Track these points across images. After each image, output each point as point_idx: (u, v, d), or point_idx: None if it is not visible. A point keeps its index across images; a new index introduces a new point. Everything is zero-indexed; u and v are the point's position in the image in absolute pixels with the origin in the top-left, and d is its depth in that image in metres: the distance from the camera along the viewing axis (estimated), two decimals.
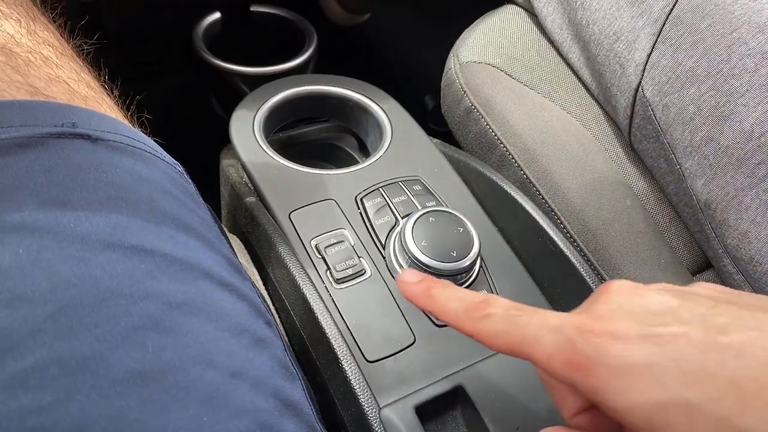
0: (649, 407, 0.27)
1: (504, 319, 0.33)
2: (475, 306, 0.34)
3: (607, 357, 0.28)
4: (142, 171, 0.34)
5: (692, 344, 0.27)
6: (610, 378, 0.28)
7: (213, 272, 0.34)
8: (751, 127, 0.50)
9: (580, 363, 0.29)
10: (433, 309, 0.37)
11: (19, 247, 0.28)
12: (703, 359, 0.27)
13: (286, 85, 0.65)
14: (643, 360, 0.28)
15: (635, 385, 0.27)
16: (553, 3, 0.63)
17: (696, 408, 0.26)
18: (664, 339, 0.28)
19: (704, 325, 0.28)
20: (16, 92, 0.32)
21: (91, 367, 0.27)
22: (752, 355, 0.26)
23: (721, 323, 0.28)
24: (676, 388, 0.27)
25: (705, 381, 0.27)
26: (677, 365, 0.27)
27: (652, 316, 0.29)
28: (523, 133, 0.61)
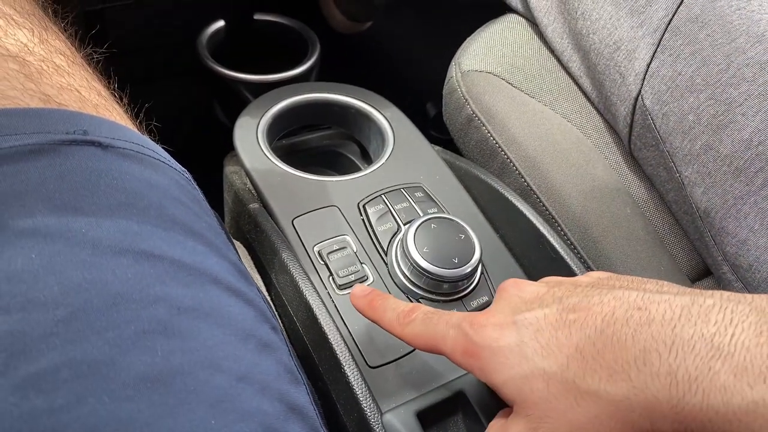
0: (518, 379, 0.33)
1: (422, 322, 0.39)
2: (404, 314, 0.40)
3: (489, 341, 0.34)
4: (152, 178, 0.35)
5: (548, 322, 0.33)
6: (491, 359, 0.34)
7: (220, 278, 0.34)
8: (749, 136, 0.50)
9: (472, 350, 0.35)
10: (375, 318, 0.43)
11: (32, 252, 0.29)
12: (557, 334, 0.33)
13: (290, 92, 0.65)
14: (514, 340, 0.34)
15: (508, 361, 0.33)
16: (553, 12, 0.64)
17: (550, 375, 0.32)
18: (528, 321, 0.34)
19: (559, 306, 0.34)
20: (29, 100, 0.33)
21: (102, 370, 0.27)
22: (592, 325, 0.32)
23: (573, 302, 0.33)
24: (536, 360, 0.32)
25: (556, 352, 0.32)
26: (537, 341, 0.33)
27: (523, 303, 0.36)
28: (524, 141, 0.61)
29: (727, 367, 0.27)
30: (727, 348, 0.28)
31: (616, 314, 0.31)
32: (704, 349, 0.28)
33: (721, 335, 0.28)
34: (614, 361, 0.30)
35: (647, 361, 0.29)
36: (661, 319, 0.30)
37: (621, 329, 0.31)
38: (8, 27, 0.35)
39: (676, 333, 0.29)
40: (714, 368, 0.27)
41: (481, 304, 0.52)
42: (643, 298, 0.32)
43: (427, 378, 0.47)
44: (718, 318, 0.29)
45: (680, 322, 0.29)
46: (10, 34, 0.35)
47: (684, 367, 0.28)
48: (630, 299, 0.32)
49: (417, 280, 0.51)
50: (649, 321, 0.30)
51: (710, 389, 0.27)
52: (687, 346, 0.28)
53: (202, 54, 0.85)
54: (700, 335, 0.28)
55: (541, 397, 0.32)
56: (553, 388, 0.31)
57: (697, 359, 0.28)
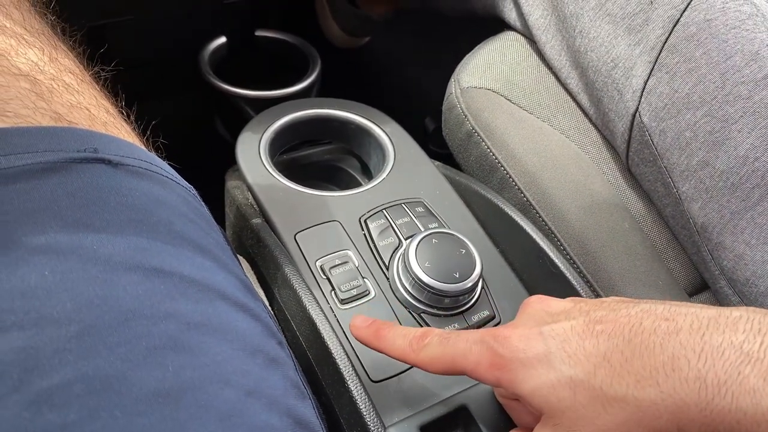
0: (545, 388, 0.33)
1: (439, 344, 0.39)
2: (417, 339, 0.40)
3: (517, 352, 0.35)
4: (160, 194, 0.35)
5: (575, 333, 0.34)
6: (519, 369, 0.34)
7: (228, 293, 0.35)
8: (745, 153, 0.51)
9: (498, 363, 0.35)
10: (384, 348, 0.42)
11: (45, 269, 0.29)
12: (584, 344, 0.33)
13: (291, 108, 0.66)
14: (541, 350, 0.34)
15: (536, 371, 0.34)
16: (551, 30, 0.65)
17: (578, 383, 0.32)
18: (555, 332, 0.34)
19: (586, 318, 0.34)
20: (41, 118, 0.33)
21: (114, 385, 0.28)
22: (620, 335, 0.32)
23: (600, 315, 0.34)
24: (563, 369, 0.33)
25: (584, 360, 0.33)
26: (563, 350, 0.33)
27: (549, 316, 0.36)
28: (523, 156, 0.62)
29: (756, 372, 0.28)
30: (757, 354, 0.28)
31: (643, 324, 0.32)
32: (733, 355, 0.29)
33: (750, 343, 0.29)
34: (642, 368, 0.31)
35: (675, 367, 0.30)
36: (689, 329, 0.31)
37: (649, 338, 0.31)
38: (19, 46, 0.36)
39: (705, 341, 0.30)
40: (743, 372, 0.28)
41: (482, 318, 0.52)
42: (669, 310, 0.32)
43: (430, 392, 0.48)
44: (746, 327, 0.29)
45: (708, 331, 0.30)
46: (21, 53, 0.36)
47: (713, 372, 0.29)
48: (657, 311, 0.32)
49: (418, 295, 0.51)
50: (677, 330, 0.31)
51: (739, 392, 0.28)
52: (716, 353, 0.29)
53: (203, 69, 0.86)
54: (729, 343, 0.29)
55: (569, 405, 0.32)
56: (581, 396, 0.32)
57: (726, 364, 0.28)
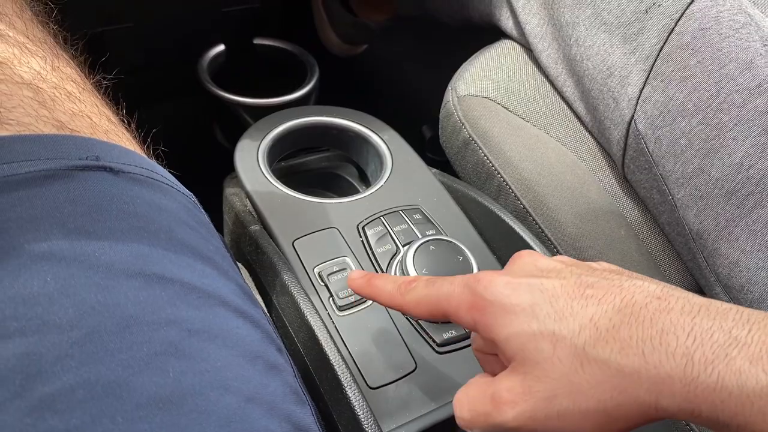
0: (525, 336, 0.33)
1: (424, 287, 0.39)
2: (405, 283, 0.41)
3: (500, 297, 0.35)
4: (161, 202, 0.36)
5: (565, 292, 0.34)
6: (500, 314, 0.35)
7: (228, 300, 0.35)
8: (740, 160, 0.52)
9: (480, 305, 0.36)
10: (375, 294, 0.43)
11: (47, 275, 0.29)
12: (572, 303, 0.33)
13: (289, 116, 0.66)
14: (527, 300, 0.34)
15: (517, 319, 0.34)
16: (548, 39, 0.66)
17: (560, 338, 0.32)
18: (544, 286, 0.34)
19: (577, 281, 0.34)
20: (43, 126, 0.33)
21: (115, 391, 0.28)
22: (610, 303, 0.32)
23: (591, 281, 0.34)
24: (547, 322, 0.33)
25: (570, 318, 0.33)
26: (551, 305, 0.34)
27: (539, 271, 0.36)
28: (520, 164, 0.63)
29: (744, 355, 0.28)
30: (744, 339, 0.28)
31: (635, 297, 0.32)
32: (722, 337, 0.29)
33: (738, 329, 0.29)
34: (629, 337, 0.31)
35: (663, 342, 0.30)
36: (680, 310, 0.31)
37: (639, 311, 0.31)
38: (22, 55, 0.36)
39: (695, 322, 0.30)
40: (731, 354, 0.28)
41: None
42: (662, 290, 0.32)
43: (427, 398, 0.48)
44: (736, 317, 0.30)
45: (699, 315, 0.30)
46: (23, 62, 0.36)
47: (701, 351, 0.29)
48: (650, 289, 0.32)
49: None
50: (668, 309, 0.31)
51: (725, 372, 0.28)
52: (705, 334, 0.29)
53: (202, 77, 0.86)
54: (718, 326, 0.29)
55: (545, 357, 0.32)
56: (560, 351, 0.32)
57: (714, 345, 0.29)
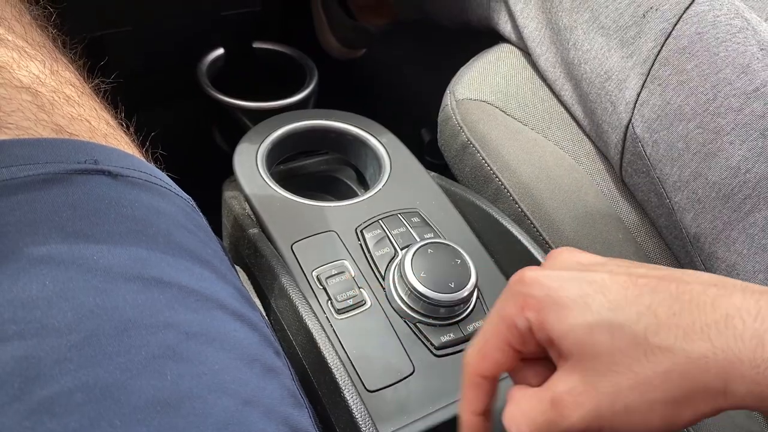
0: (581, 330, 0.31)
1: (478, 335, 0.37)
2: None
3: (549, 291, 0.33)
4: (159, 205, 0.36)
5: (616, 282, 0.32)
6: (552, 309, 0.33)
7: (226, 303, 0.35)
8: (737, 164, 0.52)
9: (529, 303, 0.34)
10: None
11: (46, 279, 0.29)
12: (625, 293, 0.32)
13: (288, 119, 0.66)
14: (576, 293, 0.32)
15: (570, 313, 0.32)
16: (546, 43, 0.66)
17: (617, 327, 0.31)
18: (592, 278, 0.33)
19: (626, 272, 0.33)
20: (42, 130, 0.34)
21: (114, 394, 0.28)
22: (666, 291, 0.31)
23: (641, 272, 0.33)
24: (602, 313, 0.31)
25: (626, 307, 0.31)
26: (603, 296, 0.32)
27: (583, 266, 0.35)
28: (518, 167, 0.63)
29: None
30: None
31: (691, 286, 0.31)
32: None
33: None
34: (692, 323, 0.29)
35: (729, 326, 0.29)
36: (741, 294, 0.30)
37: (699, 297, 0.30)
38: (21, 59, 0.36)
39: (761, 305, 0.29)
40: None
41: (478, 328, 0.53)
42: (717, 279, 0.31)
43: (425, 402, 0.48)
44: None
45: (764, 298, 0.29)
46: (23, 66, 0.36)
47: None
48: (704, 278, 0.31)
49: (414, 305, 0.52)
50: (728, 295, 0.30)
51: None
52: None
53: (202, 81, 0.86)
54: None
55: (605, 349, 0.31)
56: (620, 341, 0.31)
57: None
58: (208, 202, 0.52)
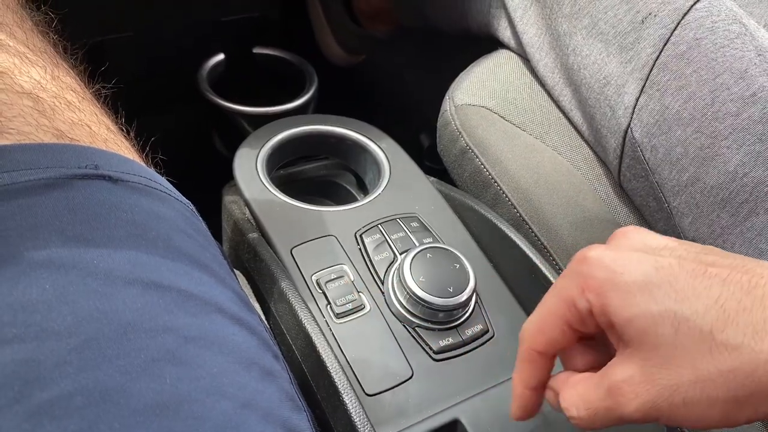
0: (644, 319, 0.30)
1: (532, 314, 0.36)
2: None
3: (612, 274, 0.32)
4: (159, 210, 0.36)
5: (684, 270, 0.31)
6: (614, 295, 0.32)
7: (225, 307, 0.35)
8: (734, 169, 0.52)
9: (591, 285, 0.33)
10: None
11: (46, 283, 0.30)
12: (693, 282, 0.30)
13: (288, 124, 0.67)
14: (641, 277, 0.31)
15: (634, 299, 0.31)
16: (545, 48, 0.66)
17: (683, 320, 0.30)
18: (660, 264, 0.31)
19: (696, 259, 0.31)
20: (43, 135, 0.34)
21: (113, 397, 0.28)
22: (737, 283, 0.30)
23: (711, 259, 0.31)
24: (667, 303, 0.30)
25: (693, 299, 0.30)
26: (669, 285, 0.31)
27: (650, 249, 0.33)
28: (516, 173, 0.63)
29: None
30: None
31: (765, 278, 0.29)
32: None
33: None
34: (763, 321, 0.28)
35: None
36: None
37: None
38: (22, 65, 0.37)
39: None
40: None
41: (476, 332, 0.53)
42: None
43: (424, 405, 0.48)
44: None
45: None
46: (24, 71, 0.36)
47: None
48: None
49: (413, 309, 0.52)
50: None
51: None
52: None
53: (202, 86, 0.87)
54: None
55: (668, 341, 0.30)
56: (684, 335, 0.29)
57: None
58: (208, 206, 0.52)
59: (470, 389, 0.49)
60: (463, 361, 0.51)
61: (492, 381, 0.50)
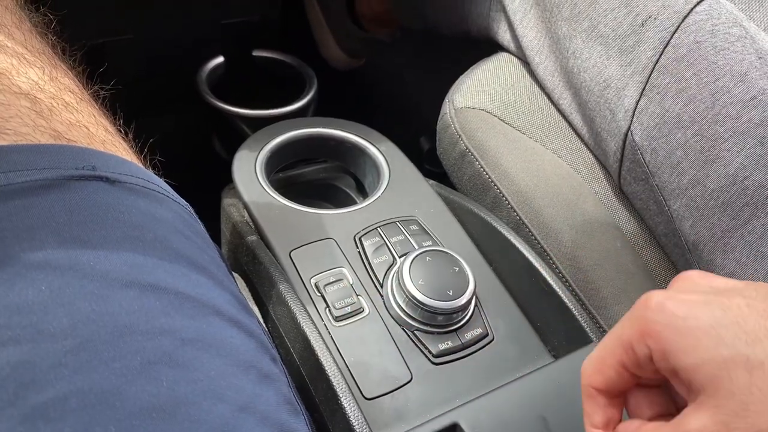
0: (714, 364, 0.29)
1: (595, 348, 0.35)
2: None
3: (675, 320, 0.30)
4: (157, 212, 0.36)
5: (754, 310, 0.29)
6: (678, 339, 0.30)
7: (222, 309, 0.35)
8: (735, 171, 0.52)
9: (652, 331, 0.31)
10: None
11: (42, 284, 0.29)
12: (765, 323, 0.29)
13: (287, 127, 0.67)
14: (707, 321, 0.30)
15: (700, 343, 0.29)
16: (545, 51, 0.66)
17: (756, 364, 0.28)
18: (727, 305, 0.30)
19: (767, 299, 0.30)
20: (40, 136, 0.34)
21: (108, 400, 0.28)
22: None
23: None
24: (738, 346, 0.28)
25: (765, 341, 0.28)
26: (739, 326, 0.29)
27: (717, 290, 0.32)
28: (516, 176, 0.63)
29: None
30: None
31: None
32: None
33: None
34: None
35: None
36: None
37: None
38: (20, 66, 0.36)
39: None
40: None
41: (475, 336, 0.53)
42: None
43: (422, 410, 0.48)
44: None
45: None
46: (22, 72, 0.36)
47: None
48: None
49: (412, 312, 0.51)
50: None
51: None
52: None
53: (201, 89, 0.87)
54: None
55: (741, 387, 0.28)
56: (759, 379, 0.28)
57: None
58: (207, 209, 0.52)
59: (470, 393, 0.49)
60: (463, 364, 0.51)
61: (491, 384, 0.50)
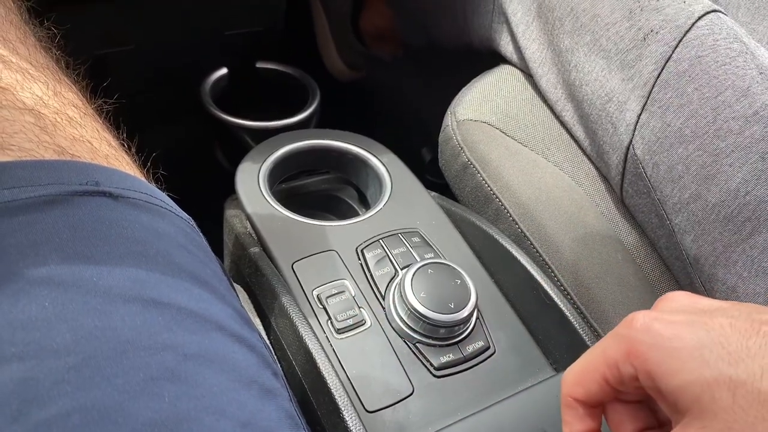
0: (698, 386, 0.29)
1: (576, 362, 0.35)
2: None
3: (660, 340, 0.31)
4: (159, 226, 0.36)
5: (737, 330, 0.30)
6: (663, 360, 0.30)
7: (225, 324, 0.35)
8: (736, 186, 0.52)
9: (637, 351, 0.31)
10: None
11: (45, 300, 0.29)
12: (747, 343, 0.29)
13: (290, 139, 0.67)
14: (692, 342, 0.30)
15: (685, 365, 0.30)
16: (547, 64, 0.66)
17: (739, 384, 0.28)
18: (710, 326, 0.30)
19: (749, 318, 0.30)
20: (44, 152, 0.34)
21: (111, 416, 0.28)
22: None
23: (765, 318, 0.30)
24: (721, 367, 0.29)
25: (747, 360, 0.28)
26: (722, 347, 0.29)
27: (701, 311, 0.32)
28: (518, 188, 0.63)
29: None
30: None
31: None
32: None
33: None
34: None
35: None
36: None
37: None
38: (24, 81, 0.37)
39: None
40: None
41: (477, 348, 0.53)
42: None
43: (423, 423, 0.48)
44: None
45: None
46: (26, 87, 0.36)
47: None
48: None
49: (414, 325, 0.51)
50: None
51: None
52: None
53: (205, 100, 0.87)
54: None
55: (725, 407, 0.28)
56: (741, 399, 0.28)
57: None
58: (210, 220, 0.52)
59: (471, 406, 0.49)
60: (464, 377, 0.51)
61: (493, 398, 0.50)
